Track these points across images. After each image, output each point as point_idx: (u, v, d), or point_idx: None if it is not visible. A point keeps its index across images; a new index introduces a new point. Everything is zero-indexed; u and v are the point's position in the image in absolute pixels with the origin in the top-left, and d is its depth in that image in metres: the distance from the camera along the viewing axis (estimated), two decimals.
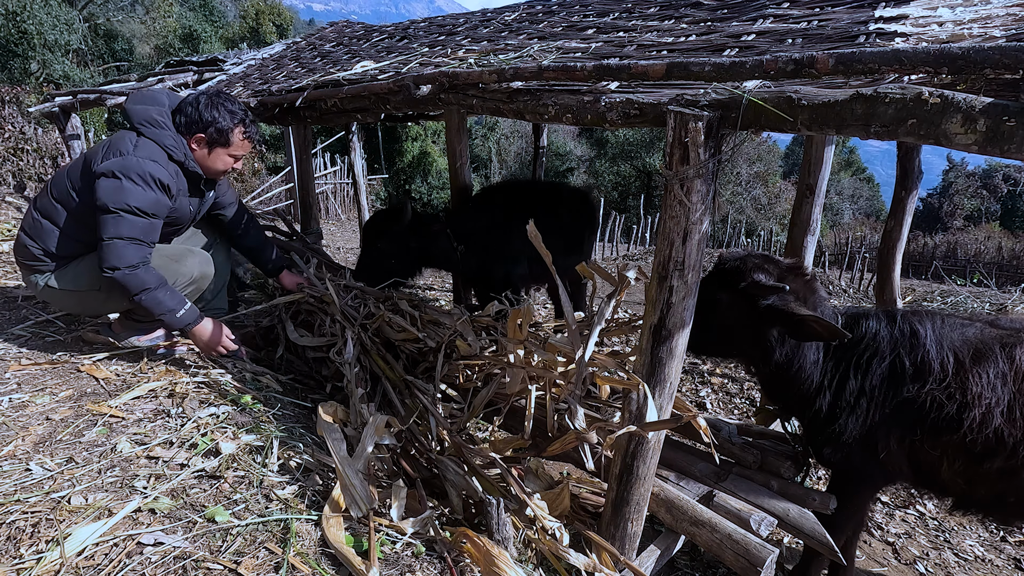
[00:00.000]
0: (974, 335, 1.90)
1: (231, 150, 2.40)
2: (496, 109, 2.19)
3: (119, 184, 2.11)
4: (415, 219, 3.46)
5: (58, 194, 2.28)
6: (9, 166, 8.38)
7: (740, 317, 2.02)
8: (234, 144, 2.39)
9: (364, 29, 5.04)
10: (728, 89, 1.46)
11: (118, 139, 2.24)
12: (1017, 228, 27.17)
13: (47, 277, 2.32)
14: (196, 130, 2.30)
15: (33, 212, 2.31)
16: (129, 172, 2.12)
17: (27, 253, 2.31)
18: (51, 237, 2.28)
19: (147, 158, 2.16)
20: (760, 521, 1.99)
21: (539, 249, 1.82)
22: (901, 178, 3.29)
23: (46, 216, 2.28)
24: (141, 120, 2.24)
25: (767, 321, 1.98)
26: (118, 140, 2.23)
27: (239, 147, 2.41)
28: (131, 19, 23.34)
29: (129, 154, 2.16)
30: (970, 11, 1.76)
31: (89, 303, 2.38)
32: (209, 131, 2.31)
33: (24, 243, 2.31)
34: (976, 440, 1.78)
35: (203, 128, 2.31)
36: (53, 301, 2.43)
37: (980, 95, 1.10)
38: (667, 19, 2.59)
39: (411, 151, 20.57)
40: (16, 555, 1.40)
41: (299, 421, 2.34)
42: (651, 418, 1.64)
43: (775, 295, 1.94)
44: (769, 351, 2.03)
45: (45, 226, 2.27)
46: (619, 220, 15.30)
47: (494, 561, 1.50)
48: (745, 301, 1.99)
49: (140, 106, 2.26)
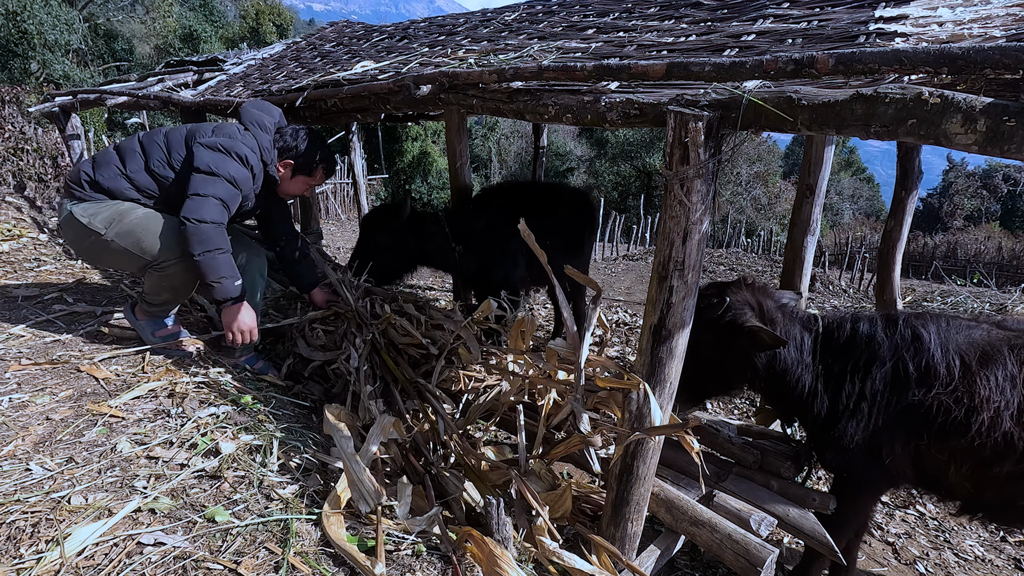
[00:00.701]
0: (981, 337, 1.88)
1: (310, 180, 2.75)
2: (496, 109, 2.19)
3: (223, 156, 2.37)
4: (413, 216, 3.45)
5: (146, 142, 2.44)
6: (9, 166, 8.38)
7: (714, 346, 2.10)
8: (315, 176, 2.74)
9: (364, 29, 5.04)
10: (728, 89, 1.46)
11: (227, 126, 2.51)
12: (1017, 228, 27.16)
13: (75, 204, 2.35)
14: (287, 156, 2.63)
15: (109, 147, 2.47)
16: (233, 149, 2.40)
17: (76, 176, 2.38)
18: (107, 170, 2.37)
19: (248, 145, 2.47)
20: (760, 521, 1.99)
21: (532, 247, 1.82)
22: (901, 178, 3.29)
23: (119, 153, 2.42)
24: (252, 120, 2.58)
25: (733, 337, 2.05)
26: (226, 126, 2.51)
27: (317, 179, 2.76)
28: (131, 19, 23.35)
29: (235, 137, 2.45)
30: (970, 11, 1.76)
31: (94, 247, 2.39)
32: (298, 160, 2.64)
33: (82, 167, 2.39)
34: (984, 444, 1.77)
35: (294, 156, 2.63)
36: (67, 232, 2.42)
37: (980, 95, 1.10)
38: (667, 19, 2.59)
39: (411, 151, 20.57)
40: (16, 555, 1.40)
41: (299, 421, 2.34)
42: (655, 417, 1.64)
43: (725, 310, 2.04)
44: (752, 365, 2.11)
45: (112, 160, 2.39)
46: (619, 220, 15.31)
47: (496, 561, 1.51)
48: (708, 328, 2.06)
49: (256, 111, 2.62)
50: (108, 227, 2.31)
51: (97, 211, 2.33)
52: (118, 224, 2.32)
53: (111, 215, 2.33)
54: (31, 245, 4.08)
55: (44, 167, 8.67)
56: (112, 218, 2.33)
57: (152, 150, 2.42)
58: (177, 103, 4.15)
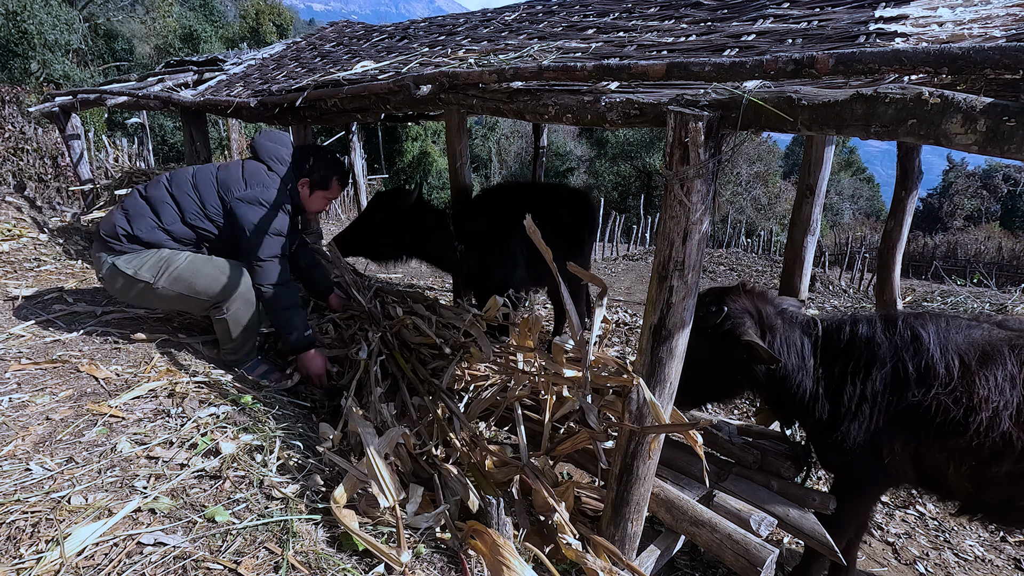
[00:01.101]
0: (981, 337, 1.88)
1: (328, 194, 2.82)
2: (496, 109, 2.19)
3: (267, 211, 2.46)
4: (419, 204, 3.45)
5: (177, 192, 2.48)
6: (9, 166, 8.38)
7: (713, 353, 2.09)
8: (331, 189, 2.81)
9: (364, 29, 5.04)
10: (728, 89, 1.46)
11: (254, 170, 2.57)
12: (1017, 228, 27.16)
13: (116, 257, 2.42)
14: (304, 174, 2.71)
15: (139, 198, 2.49)
16: (272, 201, 2.48)
17: (112, 231, 2.42)
18: (143, 223, 2.43)
19: (282, 193, 2.56)
20: (760, 521, 1.99)
21: (538, 245, 1.82)
22: (901, 178, 3.29)
23: (150, 204, 2.46)
24: (271, 156, 2.62)
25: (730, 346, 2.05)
26: (255, 171, 2.56)
27: (334, 191, 2.84)
28: (131, 19, 23.34)
29: (268, 185, 2.53)
30: (970, 11, 1.76)
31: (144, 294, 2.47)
32: (313, 177, 2.72)
33: (116, 221, 2.43)
34: (984, 444, 1.77)
35: (309, 174, 2.71)
36: (111, 283, 2.48)
37: (980, 95, 1.10)
38: (667, 19, 2.59)
39: (411, 151, 20.57)
40: (16, 555, 1.40)
41: (299, 421, 2.34)
42: (661, 414, 1.64)
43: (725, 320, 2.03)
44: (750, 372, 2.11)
45: (145, 212, 2.44)
46: (619, 220, 15.30)
47: (499, 551, 1.52)
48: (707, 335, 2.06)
49: (271, 144, 2.65)
50: (156, 276, 2.41)
51: (141, 262, 2.41)
52: (166, 272, 2.41)
53: (156, 263, 2.42)
54: (31, 245, 4.08)
55: (44, 167, 8.67)
56: (158, 266, 2.41)
57: (185, 202, 2.49)
58: (177, 103, 4.15)
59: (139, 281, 2.41)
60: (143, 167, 8.11)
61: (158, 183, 2.54)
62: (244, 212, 2.46)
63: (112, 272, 2.43)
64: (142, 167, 8.15)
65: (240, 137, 15.02)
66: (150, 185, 2.55)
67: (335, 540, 1.61)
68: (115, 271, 2.41)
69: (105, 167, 9.04)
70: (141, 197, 2.51)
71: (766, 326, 2.07)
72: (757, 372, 2.10)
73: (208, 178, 2.55)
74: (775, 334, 2.07)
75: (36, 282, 3.40)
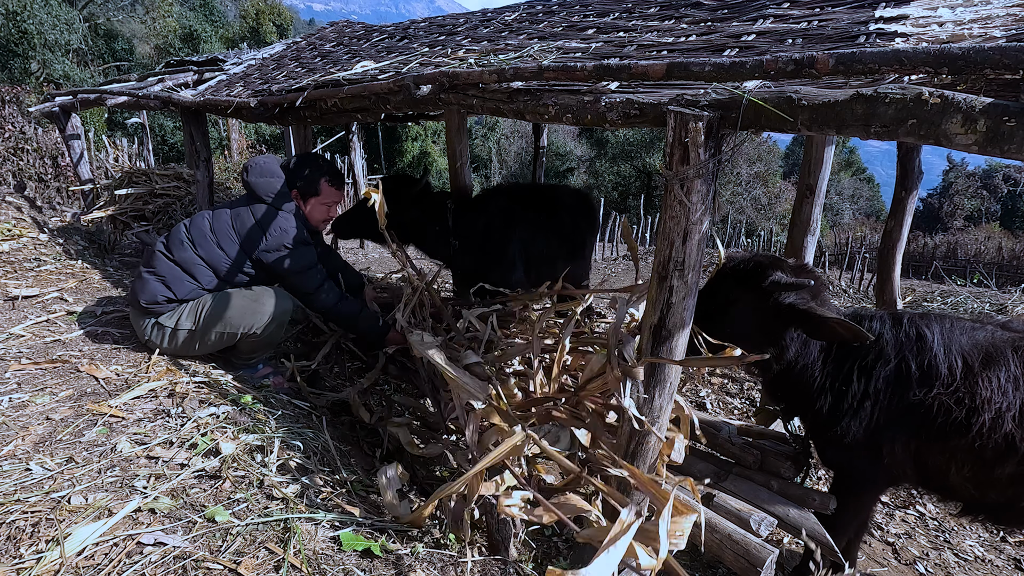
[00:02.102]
0: (984, 338, 1.88)
1: (321, 199, 2.81)
2: (496, 109, 2.19)
3: (294, 252, 2.59)
4: (426, 191, 3.46)
5: (206, 254, 2.59)
6: (9, 166, 8.39)
7: (757, 315, 2.01)
8: (322, 193, 2.80)
9: (364, 29, 5.04)
10: (728, 89, 1.46)
11: (266, 216, 2.64)
12: (1017, 228, 27.14)
13: (157, 317, 2.55)
14: (292, 186, 2.73)
15: (169, 263, 2.56)
16: (296, 242, 2.60)
17: (153, 299, 2.52)
18: (183, 286, 2.55)
19: (297, 227, 2.64)
20: (760, 521, 1.99)
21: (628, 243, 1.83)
22: (901, 178, 3.29)
23: (187, 270, 2.57)
24: (268, 193, 2.66)
25: (784, 320, 1.97)
26: (267, 217, 2.64)
27: (327, 196, 2.82)
28: (131, 19, 23.34)
29: (286, 229, 2.61)
30: (970, 11, 1.76)
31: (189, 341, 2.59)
32: (301, 187, 2.74)
33: (155, 290, 2.52)
34: (986, 445, 1.76)
35: (296, 185, 2.73)
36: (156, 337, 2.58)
37: (980, 95, 1.10)
38: (667, 19, 2.59)
39: (411, 151, 20.59)
40: (16, 555, 1.40)
41: (299, 421, 2.34)
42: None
43: (795, 293, 1.93)
44: (783, 348, 2.04)
45: (181, 276, 2.56)
46: (619, 220, 15.30)
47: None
48: (763, 300, 1.98)
49: (264, 180, 2.66)
50: (196, 322, 2.55)
51: (178, 313, 2.56)
52: (202, 316, 2.55)
53: (191, 311, 2.56)
54: (31, 245, 4.08)
55: (44, 167, 8.68)
56: (194, 313, 2.56)
57: (216, 261, 2.59)
58: (177, 103, 4.15)
59: (182, 331, 2.55)
60: (143, 167, 8.10)
61: (180, 243, 2.60)
62: (274, 262, 2.59)
63: (156, 329, 2.55)
64: (142, 167, 8.14)
65: (240, 137, 15.01)
66: (172, 245, 2.60)
67: (336, 540, 1.61)
68: (159, 327, 2.55)
69: (105, 167, 9.04)
70: (171, 261, 2.57)
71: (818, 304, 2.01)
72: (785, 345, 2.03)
73: (227, 232, 2.61)
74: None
75: (36, 282, 3.40)
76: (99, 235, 5.04)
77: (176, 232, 2.63)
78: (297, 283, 2.63)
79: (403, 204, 3.40)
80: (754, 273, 2.00)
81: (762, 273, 1.98)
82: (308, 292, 2.65)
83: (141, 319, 2.57)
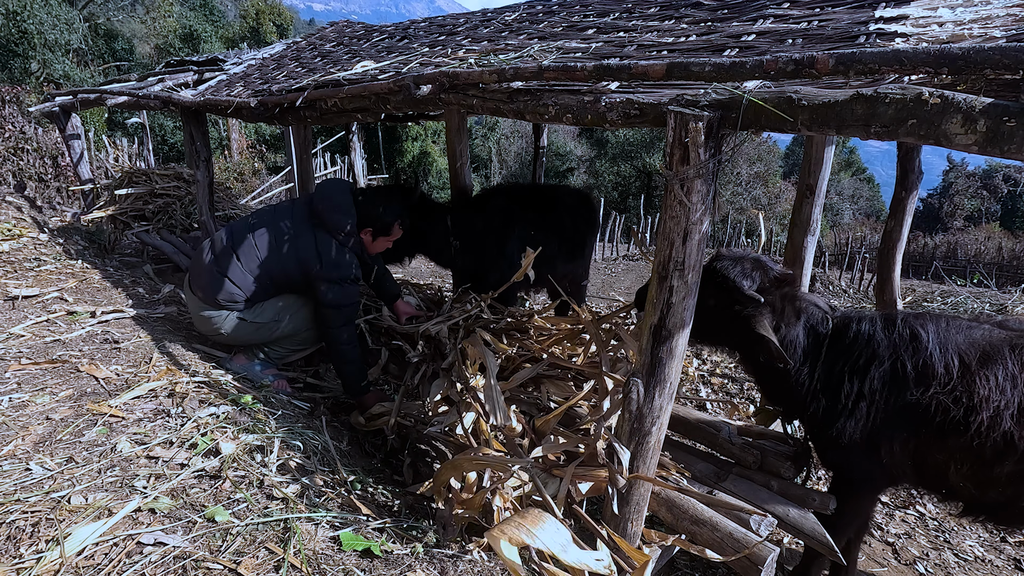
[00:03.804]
0: (981, 337, 1.88)
1: (390, 238, 2.96)
2: (496, 109, 2.19)
3: (341, 288, 2.70)
4: (422, 200, 3.45)
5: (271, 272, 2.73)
6: (9, 166, 8.39)
7: (723, 316, 2.07)
8: (393, 234, 2.94)
9: (364, 29, 5.04)
10: (728, 89, 1.46)
11: (330, 250, 2.73)
12: (1017, 228, 27.14)
13: (238, 313, 2.74)
14: (367, 224, 2.83)
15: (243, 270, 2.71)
16: (344, 280, 2.70)
17: (229, 297, 2.69)
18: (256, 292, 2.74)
19: (351, 264, 2.74)
20: (760, 521, 1.99)
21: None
22: (901, 178, 3.29)
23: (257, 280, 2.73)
24: (337, 230, 2.74)
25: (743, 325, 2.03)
26: (330, 250, 2.73)
27: (396, 234, 2.96)
28: (131, 19, 23.34)
29: (342, 266, 2.71)
30: (970, 11, 1.76)
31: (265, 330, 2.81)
32: (376, 226, 2.85)
33: (231, 290, 2.68)
34: (984, 443, 1.76)
35: (371, 223, 2.84)
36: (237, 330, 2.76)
37: (980, 95, 1.10)
38: (667, 19, 2.59)
39: (411, 151, 20.58)
40: (16, 555, 1.40)
41: (299, 421, 2.34)
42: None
43: (751, 305, 2.00)
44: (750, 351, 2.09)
45: (256, 287, 2.73)
46: (619, 220, 15.30)
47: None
48: (728, 302, 2.04)
49: (334, 216, 2.73)
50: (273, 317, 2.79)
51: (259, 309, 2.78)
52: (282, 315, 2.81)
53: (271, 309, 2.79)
54: (31, 245, 4.08)
55: (44, 167, 8.68)
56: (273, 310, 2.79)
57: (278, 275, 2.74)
58: (177, 103, 4.15)
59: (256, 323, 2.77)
60: (143, 167, 8.10)
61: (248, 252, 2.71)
62: (323, 290, 2.68)
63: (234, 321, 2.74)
64: (142, 167, 8.14)
65: (240, 137, 15.01)
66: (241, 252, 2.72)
67: (336, 540, 1.61)
68: (241, 321, 2.75)
69: (105, 167, 9.05)
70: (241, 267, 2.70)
71: (783, 322, 2.06)
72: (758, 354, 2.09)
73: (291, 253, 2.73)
74: (789, 328, 2.05)
75: (36, 282, 3.40)
76: (99, 235, 5.04)
77: (243, 237, 2.74)
78: (330, 316, 2.71)
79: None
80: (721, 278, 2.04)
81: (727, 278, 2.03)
82: (329, 326, 2.72)
83: (215, 311, 2.70)
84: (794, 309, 2.08)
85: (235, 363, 2.77)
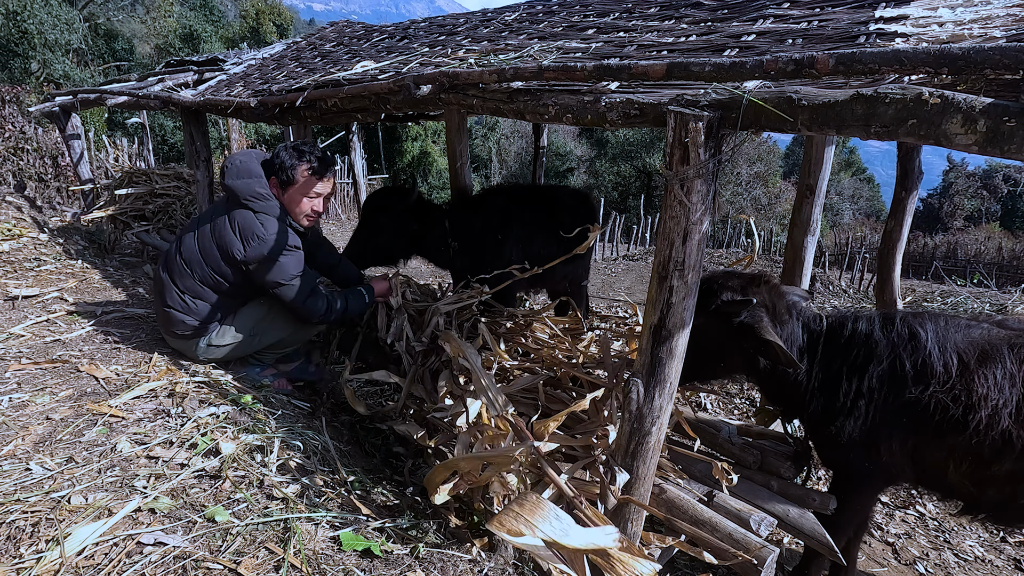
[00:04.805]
0: (980, 336, 1.88)
1: (300, 189, 2.53)
2: (496, 109, 2.19)
3: (276, 263, 2.42)
4: (419, 202, 3.44)
5: (202, 277, 2.50)
6: (9, 165, 8.39)
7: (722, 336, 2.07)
8: (299, 180, 2.51)
9: (364, 29, 5.04)
10: (728, 89, 1.46)
11: (246, 221, 2.43)
12: (1017, 228, 27.15)
13: (207, 339, 2.59)
14: (271, 173, 2.52)
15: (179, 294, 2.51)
16: (277, 251, 2.41)
17: (184, 327, 2.53)
18: (205, 311, 2.53)
19: (278, 232, 2.43)
20: (760, 521, 1.99)
21: None
22: (901, 178, 3.29)
23: (197, 297, 2.52)
24: (248, 196, 2.44)
25: (742, 337, 2.02)
26: (247, 223, 2.43)
27: (307, 184, 2.53)
28: (131, 19, 23.35)
29: (265, 237, 2.41)
30: (970, 11, 1.76)
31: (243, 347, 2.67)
32: (277, 174, 2.50)
33: (179, 319, 2.51)
34: (983, 442, 1.77)
35: (275, 172, 2.50)
36: (213, 355, 2.65)
37: (980, 95, 1.10)
38: (667, 19, 2.59)
39: (411, 151, 20.57)
40: (16, 555, 1.40)
41: (299, 421, 2.34)
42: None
43: (745, 310, 2.00)
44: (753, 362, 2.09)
45: (200, 305, 2.52)
46: (619, 220, 15.30)
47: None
48: (725, 318, 2.03)
49: (241, 181, 2.44)
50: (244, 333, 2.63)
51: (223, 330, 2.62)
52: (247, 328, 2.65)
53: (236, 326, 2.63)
54: (31, 245, 4.08)
55: (44, 167, 8.68)
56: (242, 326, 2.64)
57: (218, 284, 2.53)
58: (177, 103, 4.15)
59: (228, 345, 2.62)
60: (143, 167, 8.10)
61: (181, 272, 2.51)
62: (255, 272, 2.44)
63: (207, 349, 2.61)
64: (142, 167, 8.14)
65: (240, 137, 15.00)
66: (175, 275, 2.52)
67: (336, 540, 1.61)
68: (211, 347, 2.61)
69: (105, 167, 9.04)
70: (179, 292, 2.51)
71: (777, 321, 2.06)
72: (759, 362, 2.09)
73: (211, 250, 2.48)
74: (784, 329, 2.06)
75: (36, 282, 3.41)
76: (99, 235, 5.04)
77: (173, 259, 2.53)
78: (282, 294, 2.47)
79: (401, 219, 3.38)
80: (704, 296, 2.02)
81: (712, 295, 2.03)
82: (296, 306, 2.50)
83: (186, 342, 2.59)
84: (784, 304, 2.09)
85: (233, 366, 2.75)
